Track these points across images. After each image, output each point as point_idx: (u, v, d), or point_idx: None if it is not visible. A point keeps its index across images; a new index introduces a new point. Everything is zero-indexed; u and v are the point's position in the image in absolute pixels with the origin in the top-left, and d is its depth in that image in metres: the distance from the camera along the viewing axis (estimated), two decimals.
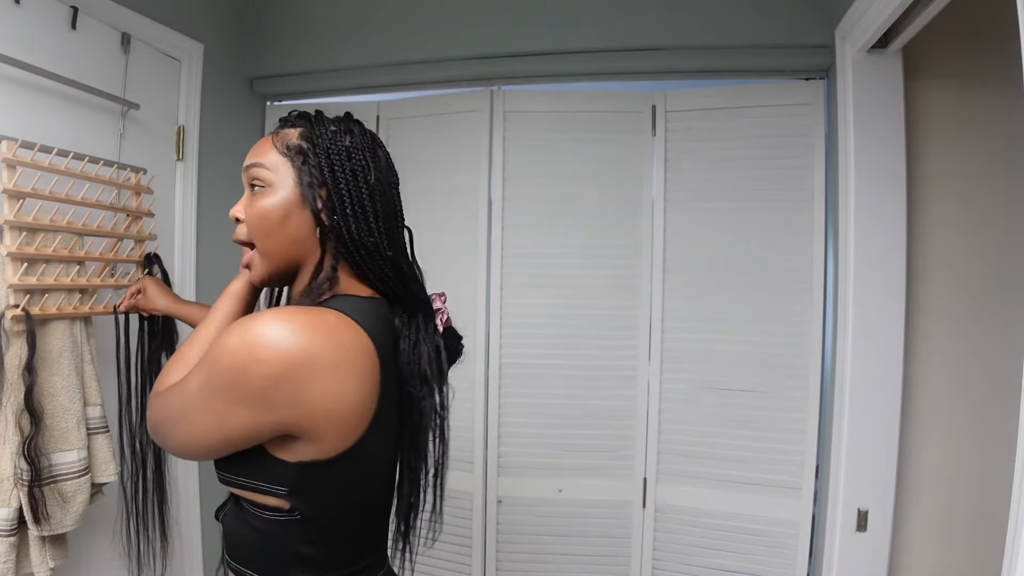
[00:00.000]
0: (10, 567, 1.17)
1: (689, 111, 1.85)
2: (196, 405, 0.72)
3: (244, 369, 0.67)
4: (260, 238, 0.82)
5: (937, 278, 1.56)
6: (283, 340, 0.68)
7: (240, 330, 0.69)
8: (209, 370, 0.71)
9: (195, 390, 0.72)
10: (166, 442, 0.78)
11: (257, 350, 0.67)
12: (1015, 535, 0.77)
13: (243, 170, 0.83)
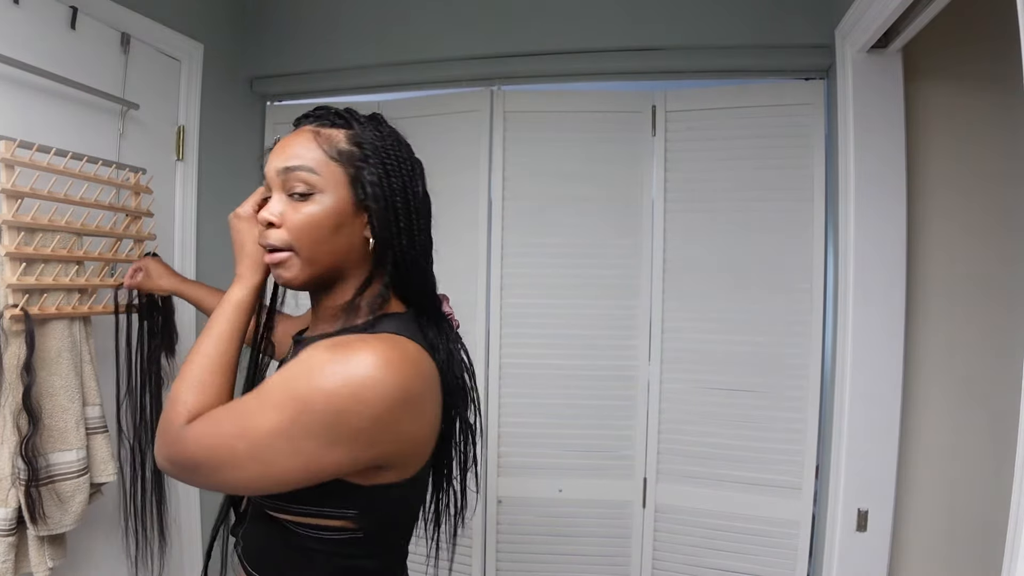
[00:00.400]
0: (9, 567, 1.16)
1: (689, 111, 1.85)
2: (275, 447, 0.66)
3: (346, 411, 0.65)
4: (309, 245, 0.76)
5: (937, 278, 1.56)
6: (385, 380, 0.66)
7: (335, 369, 0.66)
8: (295, 411, 0.65)
9: (271, 432, 0.66)
10: (209, 482, 0.71)
11: (361, 392, 0.65)
12: (1015, 535, 0.77)
13: (279, 171, 0.77)
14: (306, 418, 0.65)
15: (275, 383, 0.68)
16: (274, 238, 0.77)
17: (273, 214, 0.77)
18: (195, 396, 0.74)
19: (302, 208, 0.76)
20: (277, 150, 0.79)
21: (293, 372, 0.68)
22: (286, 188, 0.77)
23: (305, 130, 0.79)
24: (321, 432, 0.65)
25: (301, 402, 0.65)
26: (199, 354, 0.78)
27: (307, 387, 0.66)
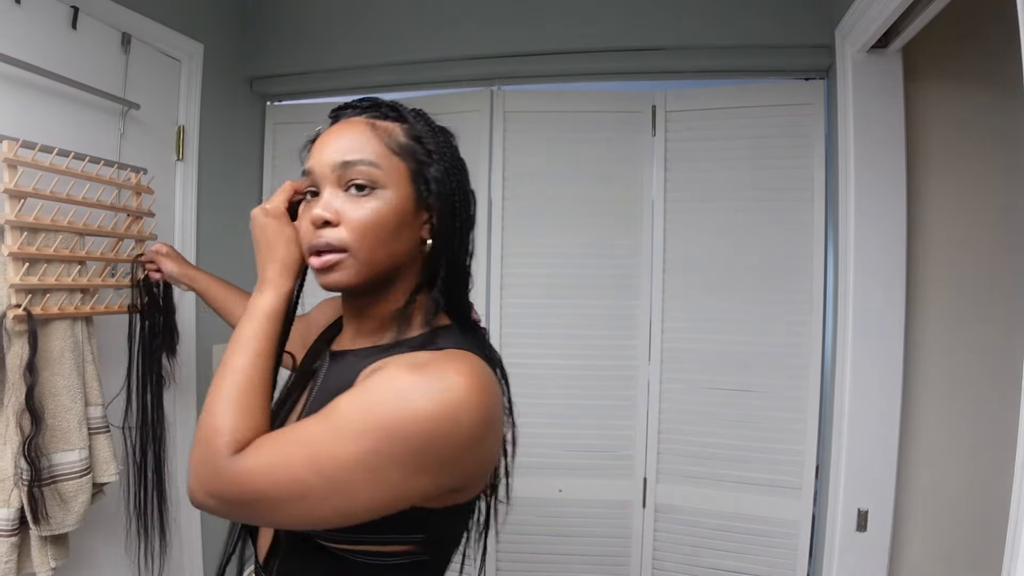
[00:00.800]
0: (11, 567, 1.17)
1: (689, 111, 1.86)
2: (356, 479, 0.60)
3: (438, 437, 0.60)
4: (370, 245, 0.70)
5: (937, 278, 1.56)
6: (476, 403, 0.62)
7: (425, 393, 0.60)
8: (380, 439, 0.59)
9: (351, 463, 0.60)
10: (268, 518, 0.64)
11: (456, 416, 0.61)
12: (1015, 535, 0.77)
13: (335, 164, 0.70)
14: (393, 447, 0.60)
15: (349, 409, 0.61)
16: (331, 237, 0.70)
17: (327, 212, 0.70)
18: (237, 421, 0.65)
19: (363, 204, 0.70)
20: (327, 142, 0.73)
21: (372, 397, 0.62)
22: (342, 183, 0.71)
23: (357, 121, 0.74)
24: (409, 461, 0.60)
25: (386, 430, 0.59)
26: (233, 372, 0.69)
27: (393, 414, 0.60)
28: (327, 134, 0.74)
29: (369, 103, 0.76)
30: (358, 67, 2.01)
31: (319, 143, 0.74)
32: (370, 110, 0.76)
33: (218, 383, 0.68)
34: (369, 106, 0.76)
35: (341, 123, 0.75)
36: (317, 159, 0.72)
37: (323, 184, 0.72)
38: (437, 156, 0.74)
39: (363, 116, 0.75)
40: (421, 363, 0.64)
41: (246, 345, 0.70)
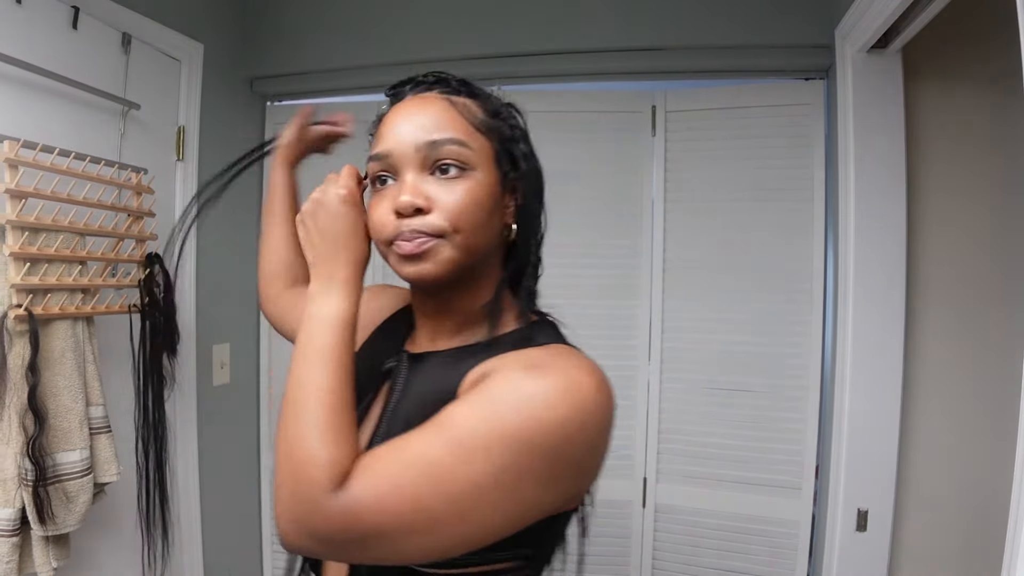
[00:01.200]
0: (13, 567, 1.17)
1: (689, 111, 1.86)
2: (486, 499, 0.53)
3: (569, 443, 0.55)
4: (469, 231, 0.64)
5: (937, 278, 1.56)
6: (604, 403, 0.58)
7: (553, 396, 0.55)
8: (510, 452, 0.53)
9: (480, 483, 0.53)
10: (383, 553, 0.55)
11: (586, 420, 0.56)
12: (1015, 535, 0.78)
13: (420, 145, 0.64)
14: (525, 459, 0.54)
15: (471, 421, 0.54)
16: (422, 224, 0.62)
17: (417, 198, 0.63)
18: (335, 449, 0.56)
19: (455, 187, 0.64)
20: (403, 121, 0.66)
21: (496, 405, 0.55)
22: (428, 165, 0.64)
23: (432, 98, 0.68)
24: (543, 472, 0.55)
25: (517, 441, 0.53)
26: (319, 391, 0.58)
27: (523, 422, 0.54)
28: (400, 112, 0.67)
29: (435, 77, 0.71)
30: (358, 67, 2.01)
31: (391, 123, 0.67)
32: (439, 85, 0.70)
33: (300, 405, 0.58)
34: (436, 80, 0.70)
35: (413, 100, 0.68)
36: (394, 140, 0.65)
37: (404, 168, 0.65)
38: (520, 133, 0.70)
39: (433, 91, 0.69)
40: (538, 363, 0.59)
41: (326, 358, 0.60)
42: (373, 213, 0.67)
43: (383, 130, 0.68)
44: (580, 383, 0.57)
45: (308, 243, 0.67)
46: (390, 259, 0.66)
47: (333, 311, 0.63)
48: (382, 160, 0.66)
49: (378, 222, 0.66)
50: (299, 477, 0.55)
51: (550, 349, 0.64)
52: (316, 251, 0.66)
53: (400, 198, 0.63)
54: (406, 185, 0.64)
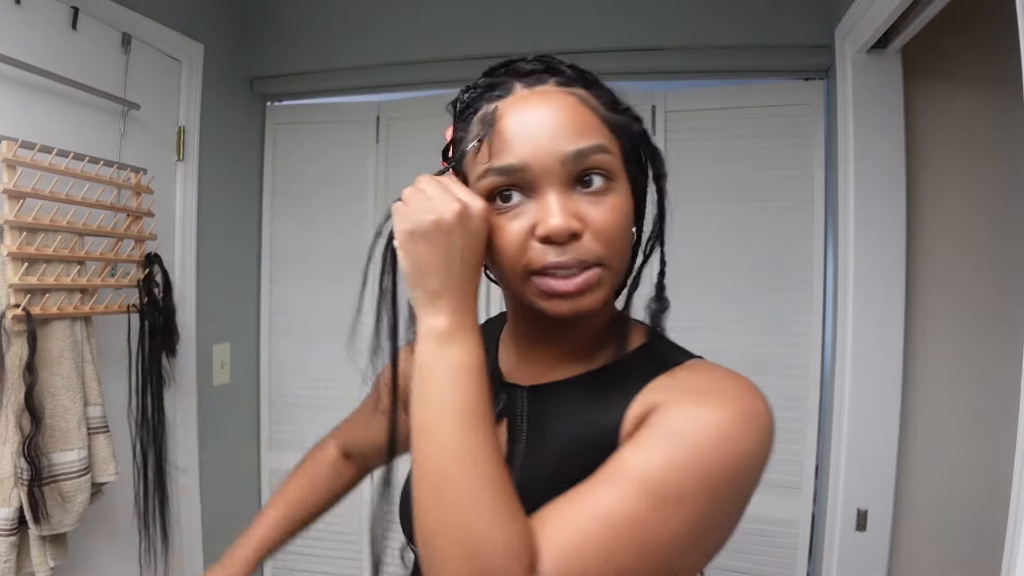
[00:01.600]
0: (10, 566, 1.17)
1: (689, 111, 1.85)
2: (694, 545, 0.50)
3: (754, 471, 0.52)
4: (620, 255, 0.57)
5: (937, 278, 1.56)
6: (773, 425, 0.54)
7: (743, 426, 0.51)
8: (713, 494, 0.49)
9: (689, 534, 0.48)
10: None
11: (767, 447, 0.53)
12: (1014, 535, 0.77)
13: (567, 155, 0.54)
14: (726, 499, 0.51)
15: (656, 468, 0.48)
16: (582, 252, 0.54)
17: (572, 221, 0.53)
18: (512, 525, 0.47)
19: (603, 203, 0.55)
20: (537, 123, 0.55)
21: (692, 445, 0.49)
22: (570, 179, 0.55)
23: (555, 92, 0.57)
24: (738, 507, 0.53)
25: (721, 481, 0.49)
26: (475, 458, 0.49)
27: (724, 460, 0.49)
28: (526, 113, 0.56)
29: (544, 64, 0.60)
30: (358, 67, 2.01)
31: (517, 128, 0.55)
32: (551, 74, 0.59)
33: (458, 479, 0.48)
34: (546, 68, 0.59)
35: (534, 96, 0.57)
36: (530, 150, 0.54)
37: (545, 183, 0.55)
38: (643, 127, 0.62)
39: (549, 83, 0.58)
40: (707, 390, 0.54)
41: (477, 417, 0.50)
42: (503, 236, 0.56)
43: (506, 135, 0.55)
44: (756, 410, 0.52)
45: (431, 267, 0.53)
46: (527, 292, 0.56)
47: (470, 356, 0.52)
48: (513, 174, 0.55)
49: (514, 247, 0.55)
50: (481, 566, 0.46)
51: (700, 369, 0.59)
52: (446, 278, 0.53)
53: (550, 221, 0.53)
54: (552, 206, 0.54)
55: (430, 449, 0.50)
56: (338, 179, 2.08)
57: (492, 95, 0.59)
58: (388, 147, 2.05)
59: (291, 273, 2.13)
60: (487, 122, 0.57)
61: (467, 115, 0.61)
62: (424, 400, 0.51)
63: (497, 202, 0.56)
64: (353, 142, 2.07)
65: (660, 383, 0.57)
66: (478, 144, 0.57)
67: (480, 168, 0.56)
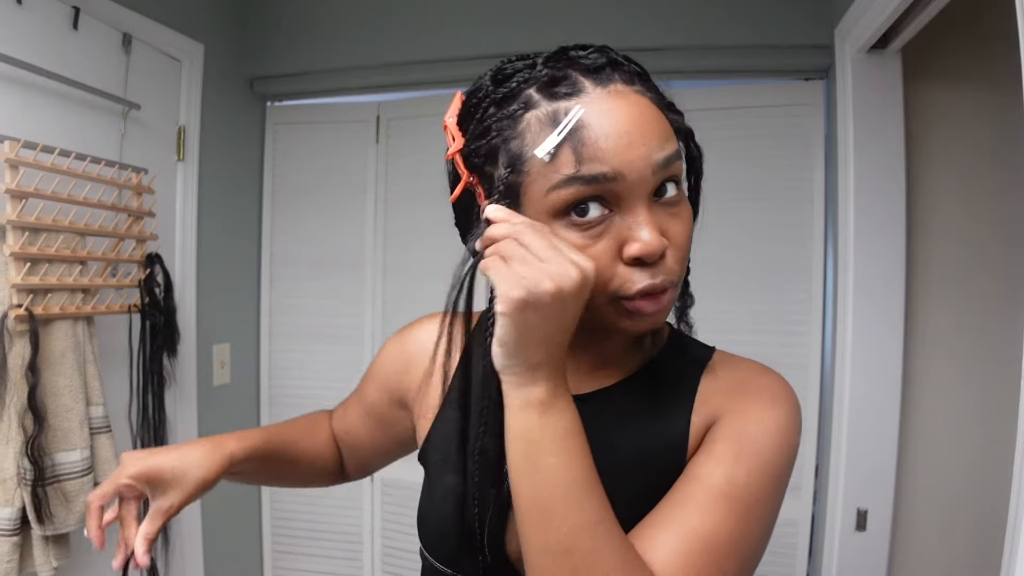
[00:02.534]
0: (13, 567, 1.17)
1: (689, 111, 1.84)
2: (764, 543, 0.53)
3: (798, 443, 0.57)
4: (684, 268, 0.57)
5: (936, 277, 1.56)
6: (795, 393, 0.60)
7: (790, 419, 0.56)
8: (779, 491, 0.54)
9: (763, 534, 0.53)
10: None
11: (801, 418, 0.58)
12: (1014, 535, 0.78)
13: (657, 164, 0.50)
14: (784, 485, 0.55)
15: (741, 479, 0.51)
16: (667, 273, 0.52)
17: (658, 236, 0.50)
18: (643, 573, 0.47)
19: (680, 216, 0.54)
20: (626, 128, 0.49)
21: (760, 450, 0.53)
22: (655, 187, 0.51)
23: (628, 91, 0.52)
24: (786, 476, 0.56)
25: (779, 473, 0.54)
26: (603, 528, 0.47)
27: (781, 456, 0.54)
28: (612, 116, 0.50)
29: (605, 57, 0.53)
30: (358, 67, 2.01)
31: (605, 131, 0.49)
32: (613, 68, 0.53)
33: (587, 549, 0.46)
34: (608, 62, 0.53)
35: (614, 96, 0.51)
36: (621, 158, 0.49)
37: (634, 196, 0.50)
38: (688, 125, 0.60)
39: (618, 79, 0.52)
40: (755, 386, 0.58)
41: (589, 482, 0.48)
42: (587, 256, 0.50)
43: (594, 140, 0.49)
44: (795, 399, 0.59)
45: (540, 340, 0.47)
46: (608, 314, 0.53)
47: (573, 420, 0.49)
48: (604, 183, 0.49)
49: (602, 269, 0.50)
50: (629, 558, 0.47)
51: (734, 365, 0.63)
52: (551, 350, 0.48)
53: (645, 239, 0.49)
54: (642, 221, 0.50)
55: (553, 524, 0.47)
56: (338, 179, 2.08)
57: (556, 91, 0.51)
58: (388, 147, 2.05)
59: (291, 273, 2.13)
60: (570, 124, 0.49)
61: (511, 111, 0.52)
62: (534, 475, 0.48)
63: (572, 216, 0.50)
64: (353, 142, 2.07)
65: (710, 388, 0.60)
66: (554, 151, 0.49)
67: (559, 176, 0.49)
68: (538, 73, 0.52)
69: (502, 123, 0.52)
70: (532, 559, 0.48)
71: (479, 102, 0.54)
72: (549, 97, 0.51)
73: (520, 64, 0.54)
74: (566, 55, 0.53)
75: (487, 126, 0.53)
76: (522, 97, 0.52)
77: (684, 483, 0.53)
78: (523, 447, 0.48)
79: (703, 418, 0.58)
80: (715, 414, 0.57)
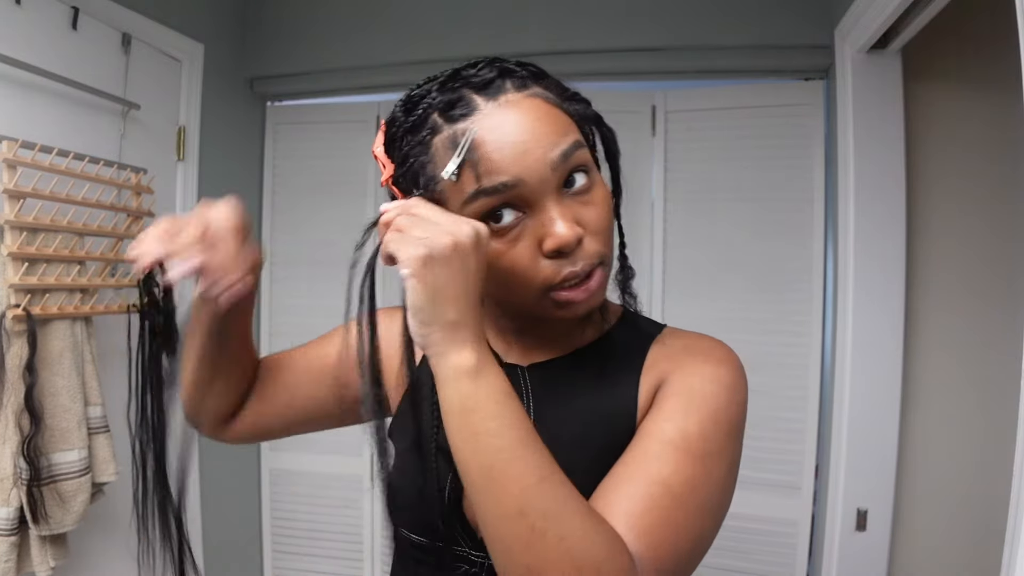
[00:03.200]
0: (11, 566, 1.17)
1: (689, 111, 1.86)
2: (728, 495, 0.57)
3: (746, 400, 0.61)
4: (612, 245, 0.58)
5: (936, 278, 1.56)
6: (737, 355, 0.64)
7: (737, 375, 0.61)
8: (733, 441, 0.58)
9: (726, 486, 0.56)
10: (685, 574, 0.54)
11: (745, 376, 0.62)
12: (1014, 534, 0.77)
13: (555, 161, 0.53)
14: (740, 437, 0.59)
15: (696, 428, 0.55)
16: (587, 257, 0.55)
17: (574, 226, 0.53)
18: (606, 537, 0.48)
19: (592, 198, 0.56)
20: (518, 133, 0.53)
21: (712, 406, 0.56)
22: (560, 184, 0.55)
23: (518, 98, 0.55)
24: (740, 437, 0.60)
25: (732, 425, 0.57)
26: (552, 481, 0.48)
27: (735, 411, 0.58)
28: (504, 124, 0.53)
29: (496, 69, 0.56)
30: (358, 67, 2.01)
31: (499, 141, 0.53)
32: (507, 77, 0.56)
33: (546, 507, 0.47)
34: (500, 72, 0.56)
35: (505, 107, 0.54)
36: (520, 163, 0.52)
37: (541, 195, 0.54)
38: (593, 108, 0.63)
39: (510, 87, 0.55)
40: (699, 349, 0.62)
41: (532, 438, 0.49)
42: (510, 260, 0.55)
43: (489, 154, 0.52)
44: (737, 359, 0.62)
45: (451, 295, 0.49)
46: (542, 306, 0.56)
47: (504, 384, 0.50)
48: (508, 191, 0.53)
49: (525, 268, 0.54)
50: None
51: (681, 335, 0.66)
52: (464, 307, 0.49)
53: (559, 233, 0.53)
54: (553, 216, 0.53)
55: (505, 488, 0.47)
56: (338, 179, 2.08)
57: (452, 114, 0.54)
58: None
59: (291, 273, 2.13)
60: (466, 145, 0.53)
61: (420, 138, 0.56)
62: (477, 443, 0.48)
63: (490, 224, 0.54)
64: (353, 142, 2.07)
65: (657, 354, 0.63)
66: (457, 172, 0.53)
67: (466, 192, 0.53)
68: (437, 99, 0.56)
69: (416, 149, 0.56)
70: (490, 530, 0.48)
71: (396, 130, 0.59)
72: (448, 120, 0.54)
73: (423, 90, 0.58)
74: (459, 76, 0.56)
75: (405, 153, 0.57)
76: (428, 123, 0.56)
77: (638, 441, 0.56)
78: (461, 418, 0.49)
79: (651, 382, 0.61)
80: (662, 376, 0.60)
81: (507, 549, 0.47)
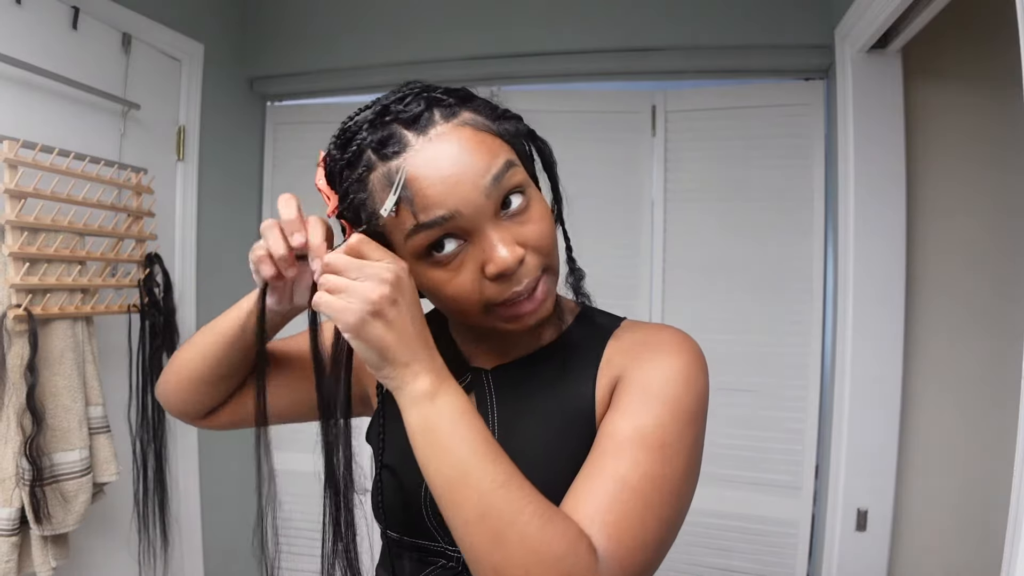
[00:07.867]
0: (12, 566, 1.17)
1: (689, 111, 1.86)
2: (692, 483, 0.59)
3: (707, 389, 0.62)
4: (555, 250, 0.60)
5: (937, 278, 1.56)
6: (698, 343, 0.66)
7: (696, 365, 0.62)
8: (695, 430, 0.59)
9: (688, 475, 0.58)
10: (656, 567, 0.56)
11: (706, 365, 0.63)
12: (1014, 535, 0.78)
13: (487, 187, 0.54)
14: (700, 426, 0.61)
15: (659, 422, 0.56)
16: (529, 273, 0.57)
17: (514, 248, 0.55)
18: (561, 529, 0.50)
19: (529, 216, 0.58)
20: (447, 166, 0.54)
21: (669, 395, 0.58)
22: (498, 203, 0.56)
23: (445, 131, 0.55)
24: (704, 430, 0.62)
25: (692, 415, 0.59)
26: (516, 485, 0.51)
27: (693, 399, 0.59)
28: (433, 160, 0.54)
29: (423, 101, 0.57)
30: (358, 67, 2.01)
31: (429, 176, 0.54)
32: (432, 107, 0.56)
33: (506, 511, 0.50)
34: (427, 106, 0.56)
35: (435, 141, 0.55)
36: (455, 194, 0.54)
37: (479, 223, 0.55)
38: (524, 123, 0.64)
39: (439, 118, 0.56)
40: (655, 342, 0.63)
41: (490, 448, 0.52)
42: (453, 287, 0.57)
43: (424, 189, 0.54)
44: (696, 348, 0.63)
45: (393, 343, 0.52)
46: (490, 320, 0.59)
47: (462, 399, 0.54)
48: (445, 223, 0.54)
49: (468, 291, 0.57)
50: (561, 570, 0.49)
51: (637, 328, 0.67)
52: (410, 345, 0.53)
53: (499, 258, 0.54)
54: (494, 242, 0.55)
55: (465, 495, 0.51)
56: None
57: (385, 152, 0.55)
58: None
59: None
60: (400, 183, 0.54)
61: (358, 175, 0.57)
62: (439, 459, 0.52)
63: (433, 255, 0.56)
64: None
65: (613, 350, 0.64)
66: (395, 208, 0.55)
67: (406, 227, 0.55)
68: (368, 138, 0.57)
69: (354, 186, 0.58)
70: (458, 536, 0.51)
71: (334, 165, 0.61)
72: (382, 158, 0.56)
73: (355, 124, 0.59)
74: (388, 111, 0.57)
75: (345, 188, 0.59)
76: (364, 160, 0.57)
77: (598, 440, 0.58)
78: (423, 438, 0.53)
79: (608, 379, 0.63)
80: (618, 373, 0.62)
81: (474, 551, 0.51)
